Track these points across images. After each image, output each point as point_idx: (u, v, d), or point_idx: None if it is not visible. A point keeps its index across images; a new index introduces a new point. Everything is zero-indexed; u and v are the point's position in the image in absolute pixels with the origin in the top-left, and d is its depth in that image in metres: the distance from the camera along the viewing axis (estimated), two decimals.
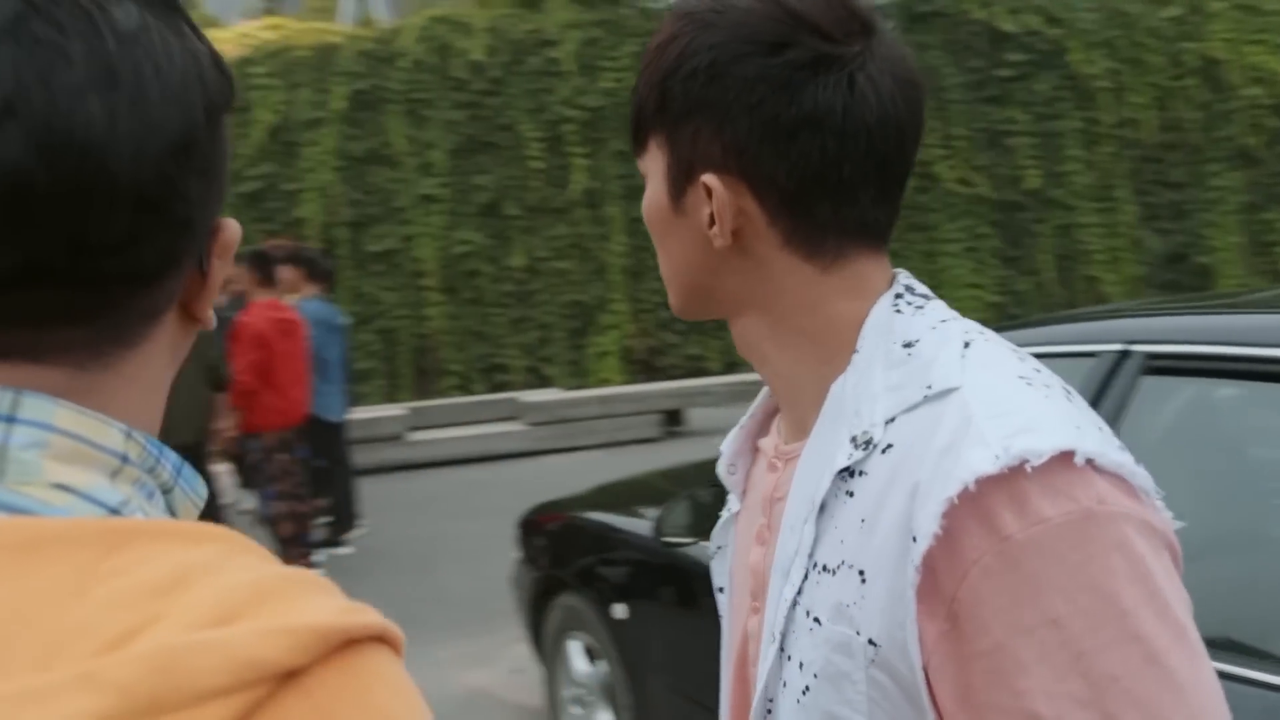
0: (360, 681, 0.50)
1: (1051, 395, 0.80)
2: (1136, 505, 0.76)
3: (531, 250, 11.67)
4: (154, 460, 0.60)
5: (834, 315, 0.89)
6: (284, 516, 6.65)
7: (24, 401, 0.54)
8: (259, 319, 6.47)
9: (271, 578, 0.51)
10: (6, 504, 0.51)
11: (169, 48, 0.57)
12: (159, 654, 0.45)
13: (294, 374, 6.62)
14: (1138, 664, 0.71)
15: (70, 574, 0.48)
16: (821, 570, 0.85)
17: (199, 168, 0.59)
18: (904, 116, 0.86)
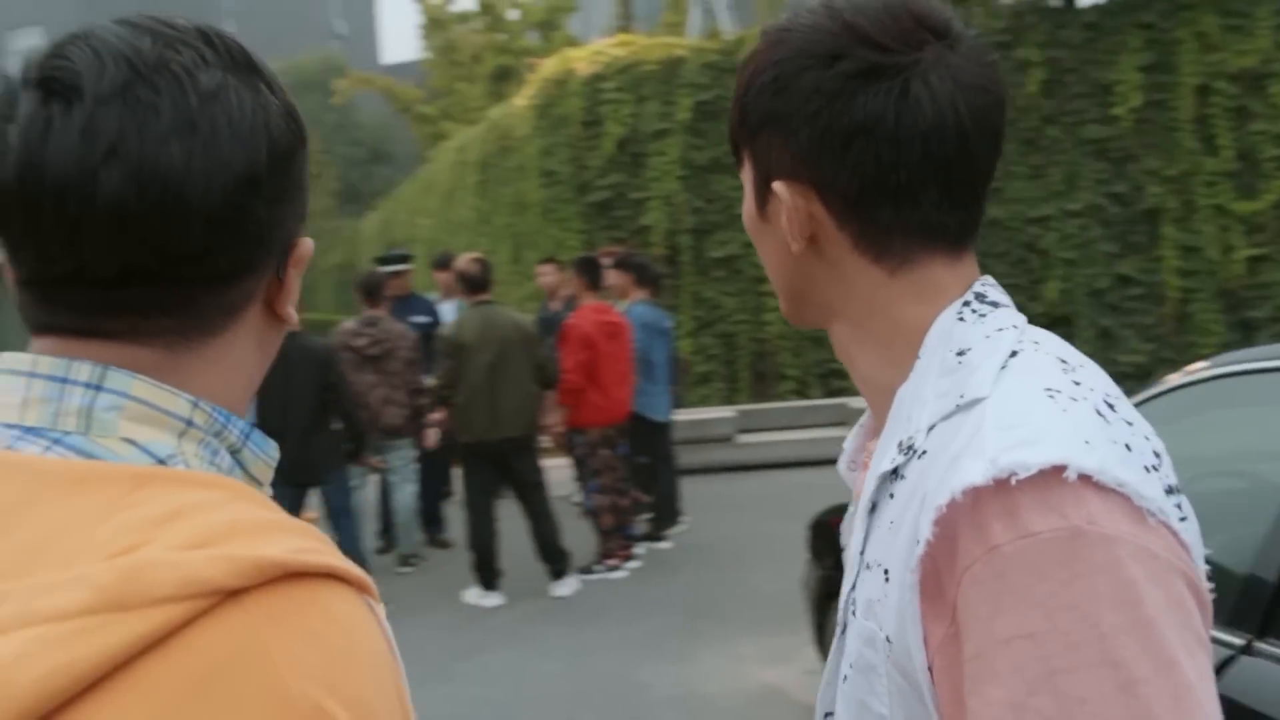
0: (295, 605, 0.62)
1: (1075, 409, 0.80)
2: (1135, 529, 0.75)
3: None
4: (220, 425, 0.75)
5: (902, 319, 0.92)
6: (605, 509, 7.00)
7: (108, 375, 0.70)
8: (586, 321, 6.86)
9: (249, 519, 0.65)
10: (83, 450, 0.68)
11: (242, 103, 0.72)
12: (131, 566, 0.59)
13: (618, 374, 6.96)
14: (1109, 690, 0.70)
15: (101, 504, 0.64)
16: (867, 567, 0.90)
17: (267, 196, 0.74)
18: (966, 121, 0.87)
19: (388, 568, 7.49)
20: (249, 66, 0.75)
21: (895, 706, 0.85)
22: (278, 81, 0.77)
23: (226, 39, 0.75)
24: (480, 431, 6.50)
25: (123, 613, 0.57)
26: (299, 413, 6.30)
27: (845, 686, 0.91)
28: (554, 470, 7.56)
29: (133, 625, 0.57)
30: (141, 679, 0.57)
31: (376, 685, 0.65)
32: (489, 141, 14.81)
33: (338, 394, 6.38)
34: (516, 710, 4.98)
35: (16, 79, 0.70)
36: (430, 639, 6.04)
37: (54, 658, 0.56)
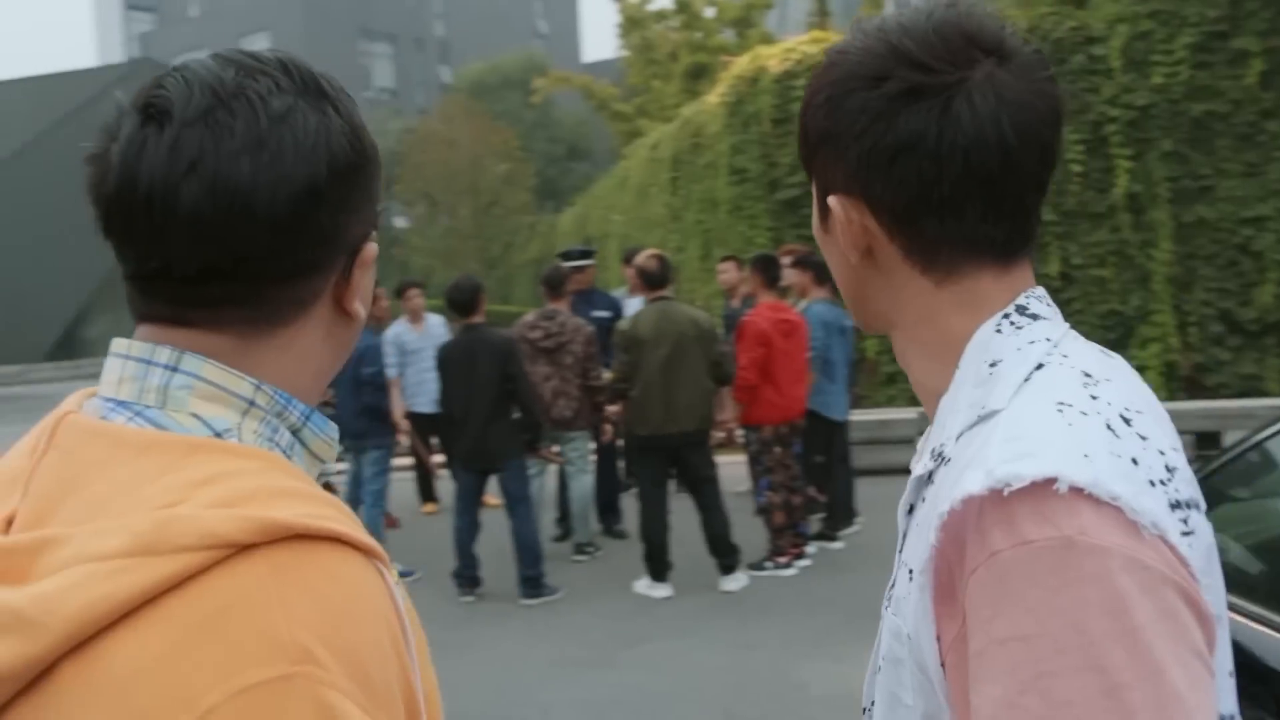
0: (297, 561, 0.72)
1: (1082, 423, 0.82)
2: (1127, 541, 0.77)
3: (1067, 257, 11.15)
4: (281, 406, 0.86)
5: (948, 329, 0.96)
6: (777, 507, 7.01)
7: (184, 359, 0.82)
8: (762, 319, 6.87)
9: (273, 486, 0.75)
10: (156, 421, 0.80)
11: (307, 123, 0.83)
12: (163, 518, 0.70)
13: (793, 372, 6.95)
14: (1094, 694, 0.73)
15: (157, 466, 0.75)
16: (902, 566, 0.95)
17: (329, 206, 0.84)
18: (1009, 136, 0.90)
19: (563, 555, 7.70)
20: (319, 92, 0.85)
21: (916, 697, 0.89)
22: (346, 104, 0.87)
23: (302, 68, 0.86)
24: (654, 425, 6.61)
25: (152, 557, 0.68)
26: (480, 402, 6.56)
27: (879, 678, 0.97)
28: (727, 466, 7.61)
29: (159, 568, 0.67)
30: (162, 614, 0.67)
31: (371, 641, 0.73)
32: (681, 139, 14.95)
33: (517, 385, 6.60)
34: (675, 700, 5.06)
35: (125, 106, 0.82)
36: (597, 625, 6.20)
37: (95, 590, 0.66)
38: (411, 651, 0.79)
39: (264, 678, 0.66)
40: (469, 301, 6.78)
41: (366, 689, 0.71)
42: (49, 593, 0.67)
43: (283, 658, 0.67)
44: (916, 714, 0.90)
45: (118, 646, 0.66)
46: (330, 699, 0.68)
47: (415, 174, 32.40)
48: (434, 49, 51.25)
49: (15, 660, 0.66)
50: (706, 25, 27.15)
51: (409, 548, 7.93)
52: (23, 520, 0.76)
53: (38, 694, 0.68)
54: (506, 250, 31.70)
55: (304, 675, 0.67)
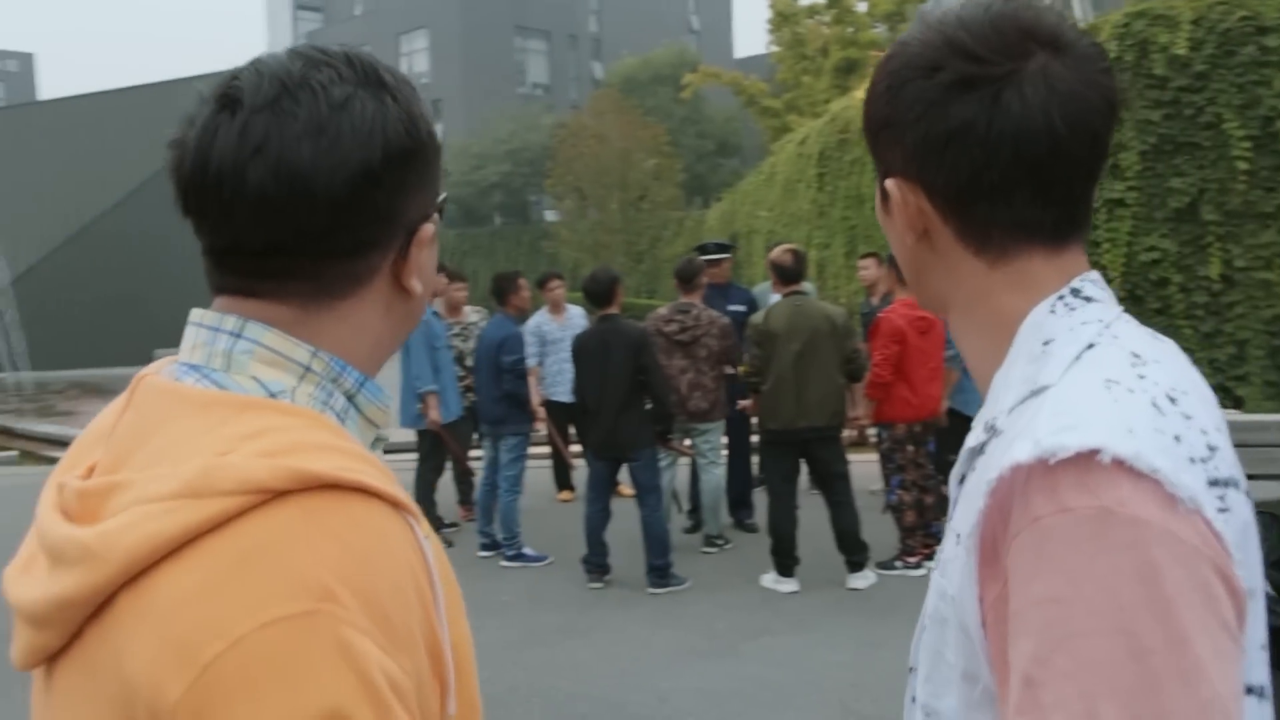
0: (326, 508, 0.78)
1: (1127, 399, 0.86)
2: (1164, 514, 0.80)
3: (1230, 259, 10.66)
4: (337, 373, 0.93)
5: (1000, 309, 1.00)
6: (908, 505, 6.93)
7: (247, 326, 0.90)
8: (898, 315, 6.80)
9: (312, 441, 0.82)
10: (220, 383, 0.88)
11: (365, 111, 0.89)
12: (209, 466, 0.78)
13: (928, 370, 6.85)
14: (1121, 656, 0.77)
15: (214, 421, 0.83)
16: (951, 531, 0.99)
17: (385, 187, 0.90)
18: (1059, 125, 0.93)
19: (693, 547, 7.75)
20: (379, 82, 0.91)
21: (958, 656, 0.94)
22: (405, 94, 0.93)
23: (365, 61, 0.92)
24: (786, 420, 6.61)
25: (197, 499, 0.75)
26: (613, 392, 6.66)
27: (925, 637, 1.01)
28: (860, 464, 7.54)
29: (202, 509, 0.75)
30: (203, 551, 0.75)
31: (392, 585, 0.78)
32: (829, 134, 14.84)
33: (649, 376, 6.68)
34: (795, 693, 5.06)
35: (205, 96, 0.90)
36: (721, 616, 6.24)
37: (147, 527, 0.75)
38: (439, 602, 0.84)
39: (289, 612, 0.73)
40: (605, 292, 6.90)
41: (385, 630, 0.76)
42: (110, 530, 0.76)
43: (307, 595, 0.74)
44: (957, 672, 0.95)
45: (163, 579, 0.74)
46: (348, 635, 0.74)
47: (565, 168, 32.87)
48: (587, 45, 51.83)
49: (83, 588, 0.76)
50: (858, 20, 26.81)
51: (542, 534, 8.10)
52: (101, 469, 0.86)
53: (100, 622, 0.77)
54: (653, 245, 31.89)
55: (325, 613, 0.73)
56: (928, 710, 1.00)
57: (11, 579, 0.85)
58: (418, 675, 0.80)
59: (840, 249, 14.08)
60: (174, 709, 0.71)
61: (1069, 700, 0.78)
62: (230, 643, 0.72)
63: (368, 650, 0.74)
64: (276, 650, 0.72)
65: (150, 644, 0.73)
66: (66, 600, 0.77)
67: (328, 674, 0.72)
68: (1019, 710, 0.81)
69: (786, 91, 29.47)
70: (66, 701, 0.81)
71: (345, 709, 0.72)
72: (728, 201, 25.66)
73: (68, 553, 0.78)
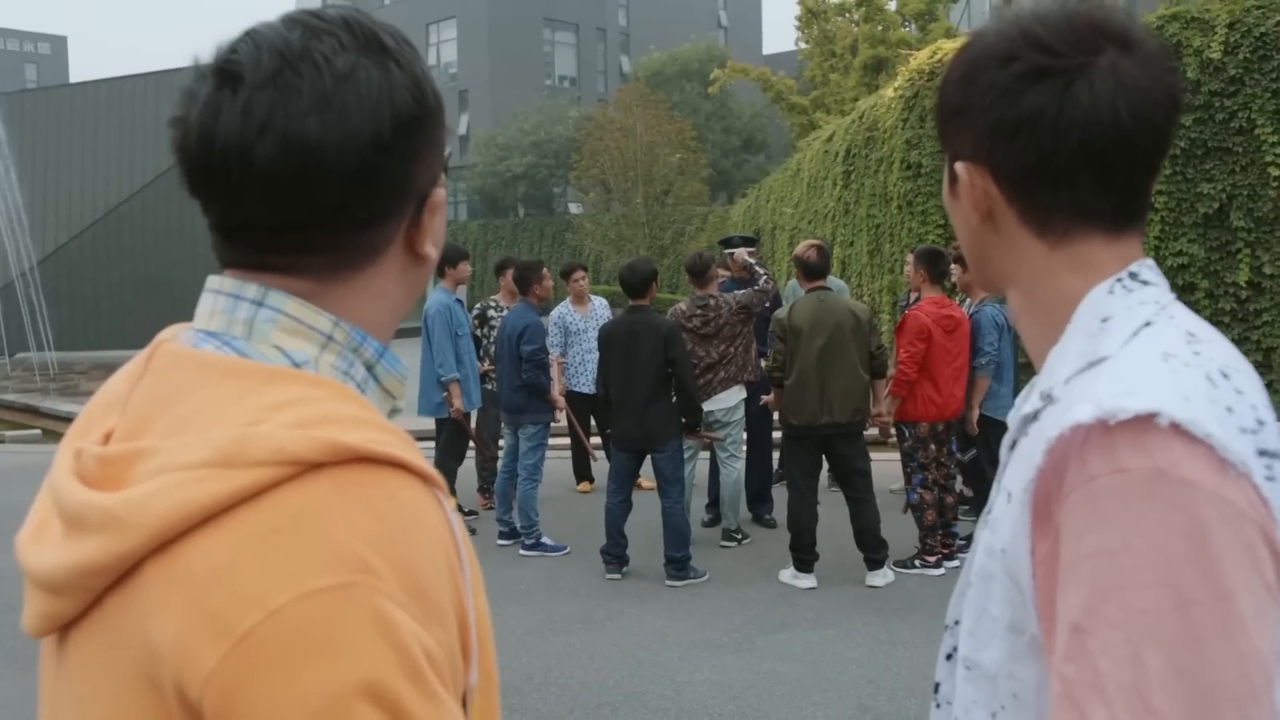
0: (360, 481, 0.78)
1: (1184, 371, 0.91)
2: (1215, 477, 0.85)
3: (1259, 265, 10.57)
4: (358, 343, 0.92)
5: (1060, 289, 1.05)
6: (929, 505, 6.90)
7: (269, 295, 0.89)
8: (925, 313, 6.77)
9: (342, 413, 0.82)
10: (242, 351, 0.87)
11: (370, 80, 0.87)
12: (241, 435, 0.77)
13: (953, 370, 6.82)
14: (1167, 607, 0.82)
15: (240, 390, 0.83)
16: (1000, 492, 1.04)
17: (396, 156, 0.89)
18: (1125, 118, 0.98)
19: (711, 540, 7.75)
20: (380, 47, 0.89)
21: (1004, 608, 0.99)
22: (408, 57, 0.91)
23: (364, 25, 0.90)
24: (808, 415, 6.60)
25: (231, 469, 0.75)
26: (640, 383, 6.67)
27: (970, 592, 1.06)
28: (881, 463, 7.52)
29: (237, 479, 0.75)
30: (238, 521, 0.74)
31: (425, 557, 0.79)
32: (855, 132, 14.77)
33: (678, 368, 6.69)
34: (811, 689, 5.05)
35: (202, 70, 0.88)
36: (738, 610, 6.23)
37: (179, 495, 0.74)
38: (466, 574, 0.84)
39: (327, 584, 0.73)
40: (641, 284, 6.90)
41: (419, 601, 0.76)
42: (138, 497, 0.75)
43: (343, 567, 0.74)
44: (1002, 624, 0.99)
45: (197, 548, 0.74)
46: (385, 607, 0.74)
47: (590, 161, 32.87)
48: (615, 38, 51.81)
49: (108, 555, 0.75)
50: (888, 18, 26.69)
51: (561, 524, 8.12)
52: (119, 436, 0.85)
53: (123, 590, 0.76)
54: (677, 239, 31.87)
55: (362, 584, 0.74)
56: (969, 663, 1.05)
57: (25, 545, 0.84)
58: (449, 647, 0.80)
59: (864, 247, 14.02)
60: (208, 678, 0.71)
61: (1115, 647, 0.82)
62: (268, 613, 0.72)
63: (403, 622, 0.74)
64: (314, 622, 0.72)
65: (182, 613, 0.73)
66: (89, 567, 0.76)
67: (365, 646, 0.72)
68: (1066, 656, 0.86)
69: (814, 89, 29.38)
70: (82, 671, 0.81)
71: (383, 680, 0.72)
72: (752, 197, 25.61)
73: (90, 518, 0.77)
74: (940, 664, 1.16)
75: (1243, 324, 10.64)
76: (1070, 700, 0.85)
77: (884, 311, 12.91)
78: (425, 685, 0.74)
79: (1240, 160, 10.57)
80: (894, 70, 16.33)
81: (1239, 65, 10.49)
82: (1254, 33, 10.41)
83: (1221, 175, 10.62)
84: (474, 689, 0.86)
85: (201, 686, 0.71)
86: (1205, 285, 10.76)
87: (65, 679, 0.83)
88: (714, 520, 8.16)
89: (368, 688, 0.72)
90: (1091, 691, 0.83)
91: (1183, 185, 10.65)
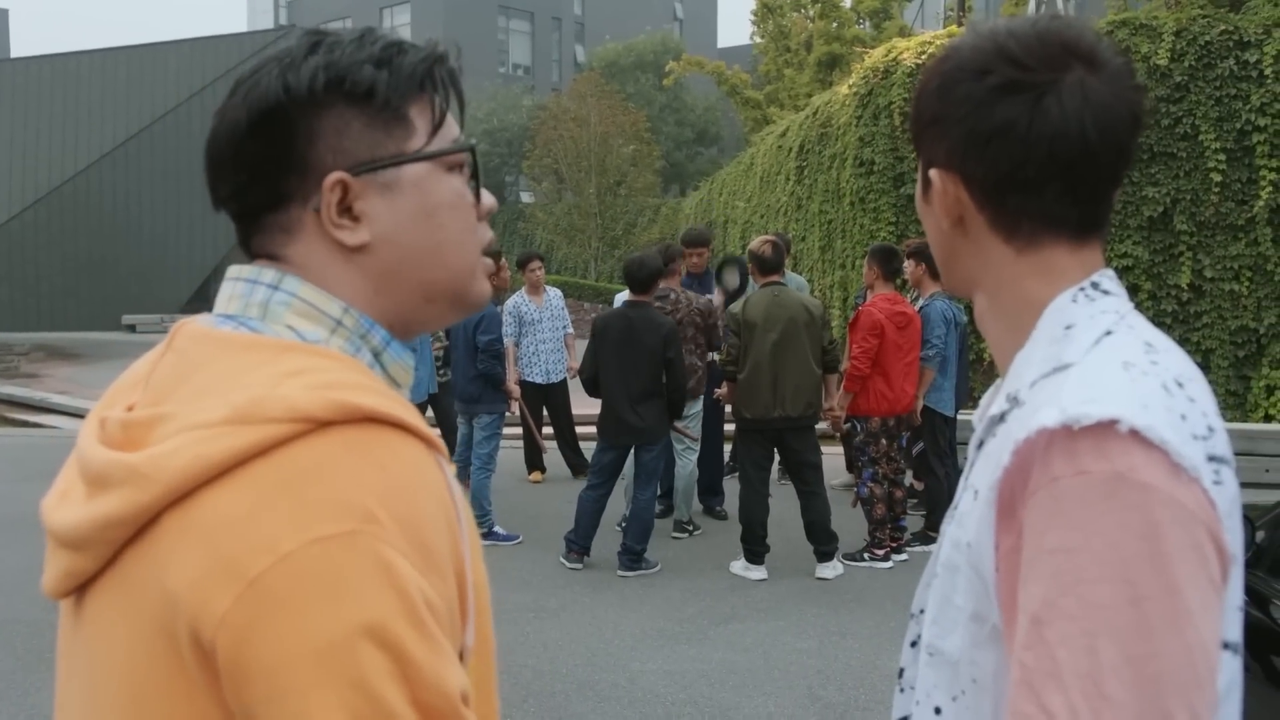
0: (367, 439, 0.84)
1: (1142, 380, 0.97)
2: (1169, 481, 0.91)
3: (1200, 269, 10.83)
4: (365, 330, 0.97)
5: (1025, 294, 1.11)
6: (879, 499, 7.00)
7: (285, 279, 0.95)
8: (878, 309, 6.86)
9: (350, 380, 0.87)
10: (256, 330, 0.93)
11: (258, 83, 0.95)
12: (257, 395, 0.83)
13: (904, 365, 6.92)
14: (1122, 601, 0.87)
15: (256, 361, 0.88)
16: (967, 489, 1.10)
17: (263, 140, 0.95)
18: (1090, 133, 1.04)
19: (663, 531, 7.80)
20: (312, 48, 0.96)
21: (968, 599, 1.04)
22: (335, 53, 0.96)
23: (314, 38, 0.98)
24: (761, 409, 6.67)
25: (245, 426, 0.80)
26: (635, 379, 6.68)
27: (935, 584, 1.11)
28: (828, 458, 7.61)
29: (250, 435, 0.80)
30: (251, 474, 0.79)
31: (426, 514, 0.84)
32: (809, 128, 14.88)
33: (673, 368, 6.71)
34: (762, 679, 5.13)
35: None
36: (690, 601, 6.30)
37: (196, 451, 0.79)
38: (465, 539, 0.90)
39: (334, 531, 0.77)
40: (645, 280, 6.86)
41: (421, 553, 0.81)
42: (159, 453, 0.80)
43: (350, 517, 0.78)
44: (965, 614, 1.05)
45: (212, 499, 0.79)
46: (388, 554, 0.78)
47: (544, 151, 32.76)
48: (571, 28, 51.64)
49: (130, 506, 0.80)
50: (843, 15, 26.88)
51: (513, 514, 8.14)
52: (142, 405, 0.90)
53: (140, 544, 0.81)
54: (629, 231, 31.88)
55: (367, 533, 0.78)
56: (932, 649, 1.10)
57: (50, 508, 0.89)
58: (449, 600, 0.84)
59: (816, 242, 14.14)
60: (221, 620, 0.75)
61: (1072, 637, 0.88)
62: (278, 558, 0.76)
63: (406, 570, 0.79)
64: (322, 566, 0.76)
65: (197, 559, 0.77)
66: (112, 519, 0.80)
67: (369, 590, 0.77)
68: (1026, 645, 0.91)
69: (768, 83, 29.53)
70: (99, 626, 0.84)
71: (385, 622, 0.76)
72: (705, 190, 25.69)
73: (114, 475, 0.81)
74: (905, 650, 1.22)
75: (1184, 325, 10.89)
76: (1029, 686, 0.90)
77: (835, 307, 13.03)
78: (425, 630, 0.79)
79: (1184, 165, 10.81)
80: (848, 67, 16.46)
81: (1185, 72, 10.72)
82: (1199, 41, 10.65)
83: (1166, 179, 10.85)
84: (470, 650, 0.90)
85: (215, 629, 0.76)
86: (1149, 287, 11.00)
87: (82, 639, 0.87)
88: (666, 511, 8.21)
89: (371, 629, 0.76)
90: (1049, 679, 0.88)
91: (1129, 188, 10.86)
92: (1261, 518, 3.75)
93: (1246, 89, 10.56)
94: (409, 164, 0.97)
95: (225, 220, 1.01)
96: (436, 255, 0.99)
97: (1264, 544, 3.59)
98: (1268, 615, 3.34)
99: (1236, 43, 10.59)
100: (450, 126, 1.02)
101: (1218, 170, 10.62)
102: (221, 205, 0.98)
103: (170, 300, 30.57)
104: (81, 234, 30.62)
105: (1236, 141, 10.61)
